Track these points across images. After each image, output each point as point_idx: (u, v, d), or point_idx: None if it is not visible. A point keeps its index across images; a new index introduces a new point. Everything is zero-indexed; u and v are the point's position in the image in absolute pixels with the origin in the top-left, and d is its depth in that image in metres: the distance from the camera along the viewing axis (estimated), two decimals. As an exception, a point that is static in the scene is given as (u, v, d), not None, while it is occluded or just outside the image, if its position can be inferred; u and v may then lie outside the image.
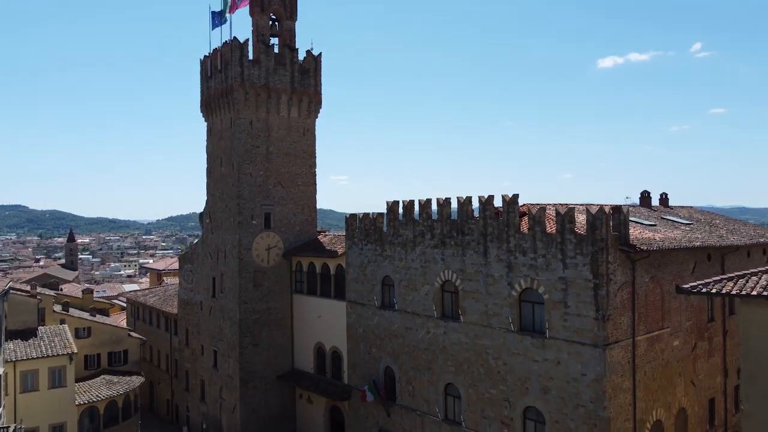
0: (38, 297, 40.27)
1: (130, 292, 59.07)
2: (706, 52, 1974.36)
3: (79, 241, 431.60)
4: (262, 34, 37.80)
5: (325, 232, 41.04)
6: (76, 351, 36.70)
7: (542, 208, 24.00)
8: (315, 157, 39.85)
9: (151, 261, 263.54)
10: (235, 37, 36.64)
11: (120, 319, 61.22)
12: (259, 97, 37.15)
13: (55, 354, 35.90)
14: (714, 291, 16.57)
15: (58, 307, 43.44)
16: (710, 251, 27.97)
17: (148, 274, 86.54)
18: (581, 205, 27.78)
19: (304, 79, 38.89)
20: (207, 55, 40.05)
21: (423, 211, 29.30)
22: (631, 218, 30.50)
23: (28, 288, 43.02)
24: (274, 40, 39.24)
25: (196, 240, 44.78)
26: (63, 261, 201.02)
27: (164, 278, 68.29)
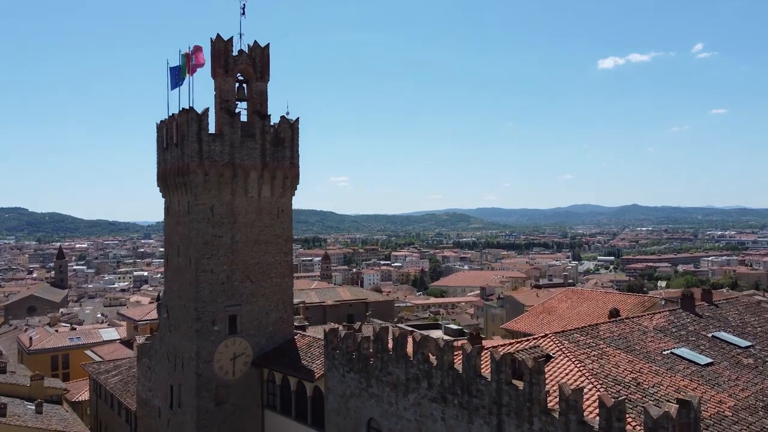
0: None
1: (92, 363, 52.79)
2: (708, 53, 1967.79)
3: (77, 245, 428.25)
4: (226, 101, 31.50)
5: (303, 331, 34.70)
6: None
7: (578, 390, 17.68)
8: (291, 241, 33.64)
9: (145, 273, 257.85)
10: (191, 108, 30.38)
11: (83, 391, 55.09)
12: (222, 177, 30.87)
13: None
14: None
15: (-6, 408, 37.15)
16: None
17: (125, 322, 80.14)
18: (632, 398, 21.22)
19: (277, 152, 32.61)
20: (164, 120, 33.79)
21: (418, 350, 23.04)
22: (680, 353, 24.30)
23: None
24: (243, 104, 33.05)
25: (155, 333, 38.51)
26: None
27: (137, 338, 62.01)
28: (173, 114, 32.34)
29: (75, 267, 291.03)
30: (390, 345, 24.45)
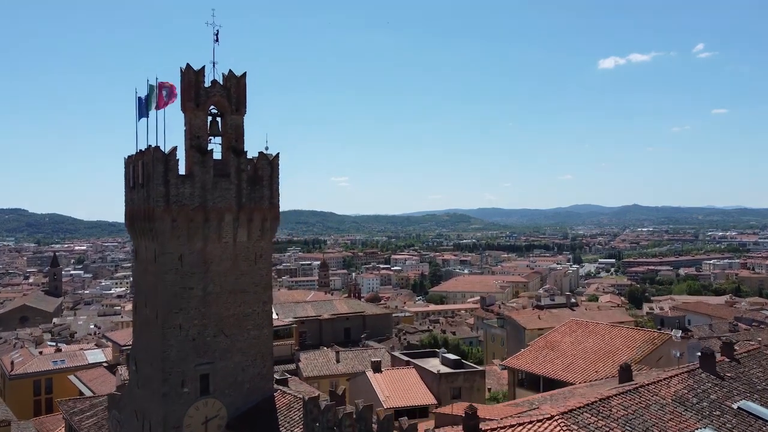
0: None
1: (68, 401, 49.80)
2: (709, 53, 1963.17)
3: (76, 247, 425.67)
4: (197, 137, 28.57)
5: (284, 387, 31.66)
6: None
7: None
8: (271, 288, 30.75)
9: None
10: (156, 147, 27.45)
11: (60, 427, 52.16)
12: (193, 222, 27.95)
13: None
14: None
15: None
16: None
17: (110, 344, 77.27)
18: None
19: (254, 191, 29.66)
20: (131, 155, 30.87)
21: (405, 439, 20.14)
22: (705, 437, 21.37)
23: None
24: (217, 139, 30.13)
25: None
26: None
27: (120, 368, 59.16)
28: (140, 150, 29.43)
29: (72, 272, 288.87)
30: (375, 428, 21.58)
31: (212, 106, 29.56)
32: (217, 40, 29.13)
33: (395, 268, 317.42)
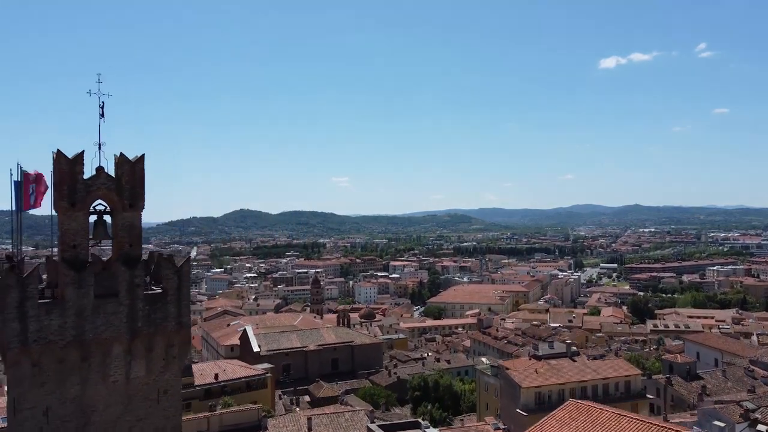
0: None
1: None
2: (710, 52, 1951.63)
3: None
4: (72, 247, 21.59)
5: None
6: None
7: None
8: (180, 430, 23.73)
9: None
10: (10, 267, 20.47)
11: None
12: (64, 363, 20.92)
13: None
14: None
15: None
16: None
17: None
18: None
19: (155, 311, 22.58)
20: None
21: None
22: None
23: None
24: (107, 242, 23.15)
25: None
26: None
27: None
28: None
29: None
30: None
31: (98, 201, 22.55)
32: (102, 115, 22.16)
33: (393, 275, 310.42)
